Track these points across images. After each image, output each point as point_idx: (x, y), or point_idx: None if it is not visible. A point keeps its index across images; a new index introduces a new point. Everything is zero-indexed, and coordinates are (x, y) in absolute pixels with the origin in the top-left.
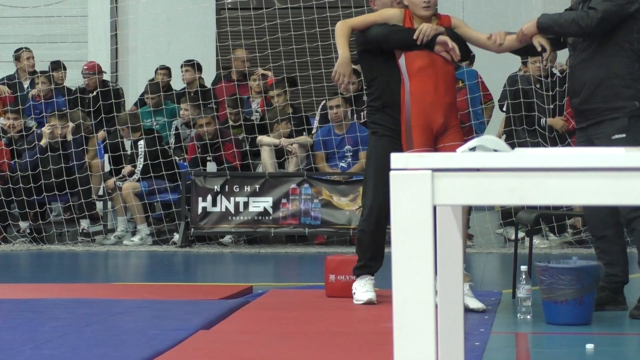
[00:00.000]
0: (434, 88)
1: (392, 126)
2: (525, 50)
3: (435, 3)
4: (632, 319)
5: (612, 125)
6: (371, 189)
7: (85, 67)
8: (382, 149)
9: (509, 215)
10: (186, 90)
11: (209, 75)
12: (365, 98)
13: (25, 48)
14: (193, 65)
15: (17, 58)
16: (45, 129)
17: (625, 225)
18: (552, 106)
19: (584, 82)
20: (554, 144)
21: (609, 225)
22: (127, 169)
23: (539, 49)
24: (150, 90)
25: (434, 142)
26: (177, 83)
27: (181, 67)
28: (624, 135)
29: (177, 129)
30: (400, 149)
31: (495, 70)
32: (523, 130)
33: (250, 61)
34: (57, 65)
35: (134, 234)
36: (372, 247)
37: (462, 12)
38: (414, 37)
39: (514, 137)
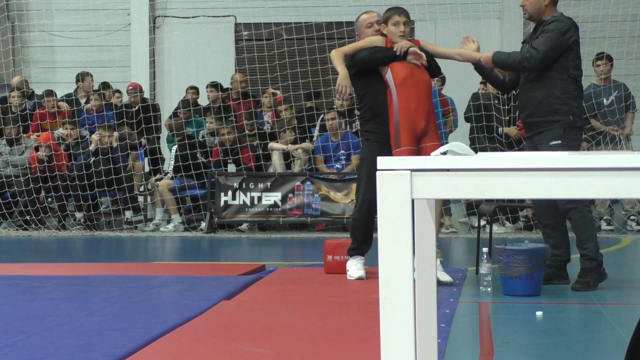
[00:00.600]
0: (416, 96)
1: (381, 133)
2: (489, 77)
3: (408, 33)
4: (573, 291)
5: (551, 134)
6: (363, 186)
7: (130, 87)
8: (373, 153)
9: (472, 207)
10: (211, 106)
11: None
12: (356, 112)
13: (87, 72)
14: (216, 86)
15: (79, 79)
16: (94, 137)
17: (563, 214)
18: (507, 117)
19: (529, 99)
20: (509, 148)
21: (553, 215)
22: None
23: (501, 76)
24: (182, 105)
25: (418, 142)
26: (203, 100)
27: (207, 87)
28: (559, 141)
29: (203, 137)
30: (387, 153)
31: (462, 89)
32: (484, 138)
33: (262, 82)
34: (106, 86)
35: (168, 222)
36: (363, 233)
37: (435, 41)
38: (394, 49)
39: (476, 143)
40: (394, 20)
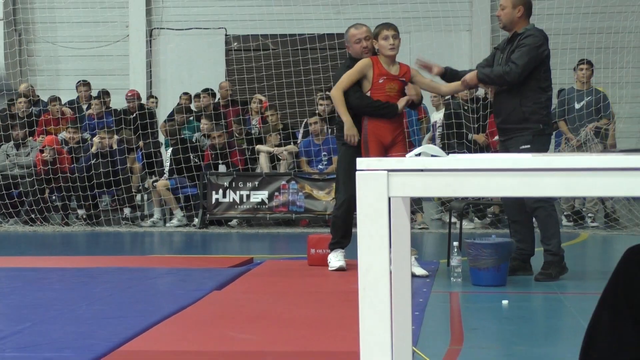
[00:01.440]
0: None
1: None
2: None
3: (398, 45)
4: (537, 282)
5: (521, 139)
6: (342, 186)
7: (129, 94)
8: (350, 156)
9: (444, 204)
10: (203, 112)
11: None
12: (337, 118)
13: (84, 81)
14: (208, 93)
15: (78, 87)
16: (96, 140)
17: (530, 212)
18: (477, 125)
19: (503, 107)
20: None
21: (521, 212)
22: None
23: (484, 91)
24: (176, 111)
25: (385, 153)
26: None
27: (200, 94)
28: (528, 146)
29: (197, 140)
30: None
31: (433, 98)
32: (454, 143)
33: (249, 89)
34: (106, 93)
35: (171, 218)
36: (343, 228)
37: (410, 53)
38: (400, 107)
39: (447, 148)
40: (383, 34)
